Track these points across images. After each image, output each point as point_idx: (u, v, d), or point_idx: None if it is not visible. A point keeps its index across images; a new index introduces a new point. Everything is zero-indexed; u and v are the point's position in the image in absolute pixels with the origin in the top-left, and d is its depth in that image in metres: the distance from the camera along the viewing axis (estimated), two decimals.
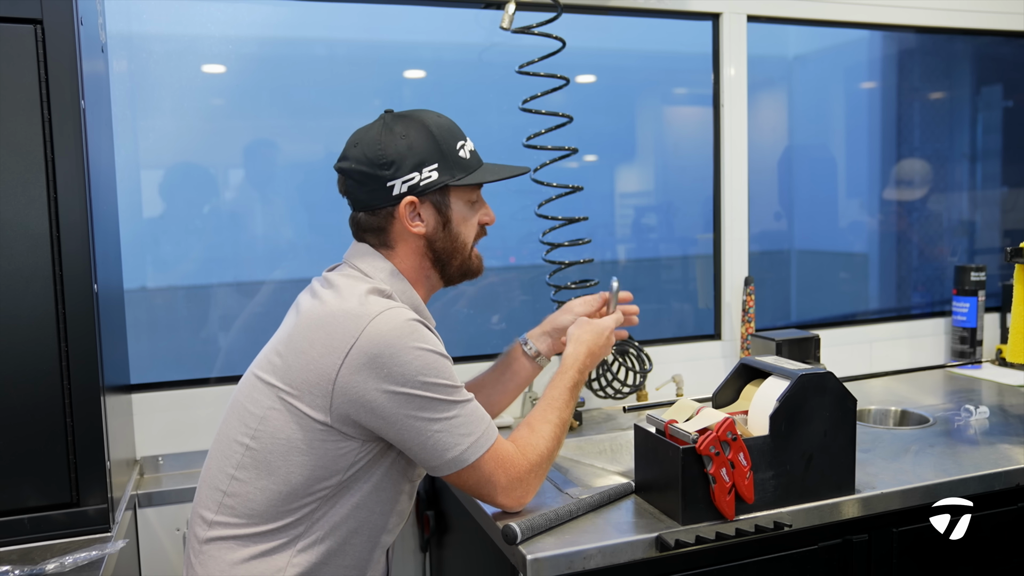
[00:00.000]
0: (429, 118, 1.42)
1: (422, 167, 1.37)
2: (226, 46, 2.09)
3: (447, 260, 1.45)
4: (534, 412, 1.45)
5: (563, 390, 1.49)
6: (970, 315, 2.65)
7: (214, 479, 1.34)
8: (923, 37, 2.93)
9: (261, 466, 1.29)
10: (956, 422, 2.01)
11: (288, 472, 1.27)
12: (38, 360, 1.35)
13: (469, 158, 1.43)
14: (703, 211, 2.54)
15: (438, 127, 1.41)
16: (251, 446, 1.30)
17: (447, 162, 1.39)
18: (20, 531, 1.36)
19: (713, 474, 1.38)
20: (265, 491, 1.28)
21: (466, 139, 1.45)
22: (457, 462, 1.30)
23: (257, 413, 1.30)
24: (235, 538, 1.29)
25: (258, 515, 1.29)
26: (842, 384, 1.50)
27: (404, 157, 1.37)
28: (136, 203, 2.04)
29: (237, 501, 1.30)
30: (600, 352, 1.59)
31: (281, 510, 1.28)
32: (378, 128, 1.40)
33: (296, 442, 1.27)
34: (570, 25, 2.01)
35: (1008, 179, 3.12)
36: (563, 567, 1.33)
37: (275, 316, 1.46)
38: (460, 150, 1.42)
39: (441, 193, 1.41)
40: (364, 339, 1.24)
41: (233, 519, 1.30)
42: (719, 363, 2.45)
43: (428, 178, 1.38)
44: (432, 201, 1.40)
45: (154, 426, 1.94)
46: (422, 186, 1.38)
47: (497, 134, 1.51)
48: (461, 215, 1.44)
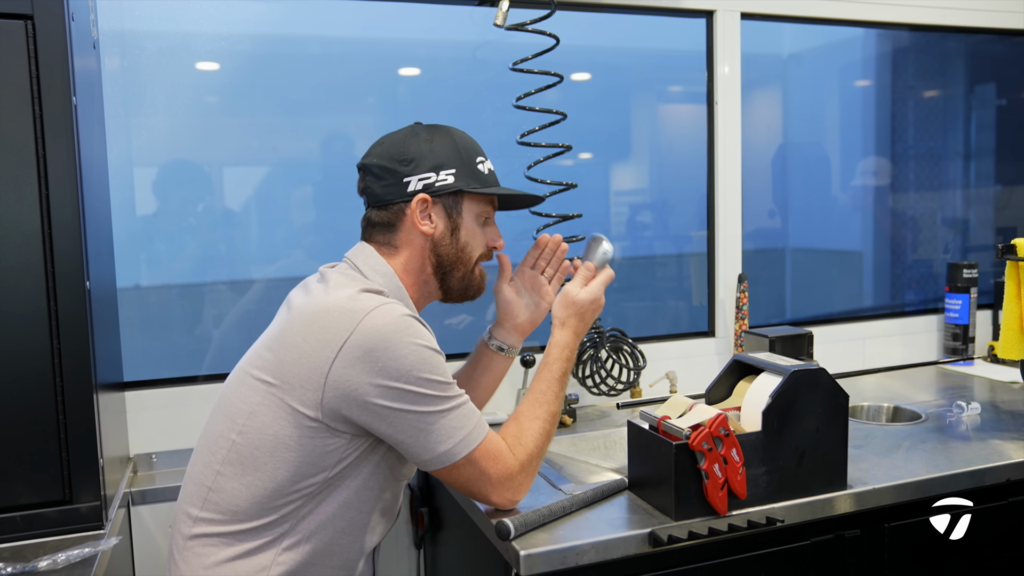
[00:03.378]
0: (455, 132, 1.47)
1: (440, 169, 1.41)
2: (219, 43, 2.09)
3: (449, 269, 1.46)
4: (522, 407, 1.44)
5: (551, 382, 1.47)
6: (962, 312, 2.66)
7: (199, 475, 1.33)
8: (917, 35, 2.94)
9: (247, 462, 1.28)
10: (948, 418, 2.02)
11: (274, 468, 1.27)
12: (30, 357, 1.35)
13: (487, 174, 1.47)
14: (697, 209, 2.54)
15: (462, 139, 1.46)
16: (237, 441, 1.29)
17: (465, 169, 1.43)
18: (12, 528, 1.36)
19: (706, 470, 1.38)
20: (250, 487, 1.28)
21: (487, 159, 1.49)
22: (448, 456, 1.30)
23: (245, 409, 1.30)
24: (219, 535, 1.29)
25: (243, 512, 1.28)
26: (834, 380, 1.51)
27: (424, 157, 1.41)
28: (129, 201, 2.04)
29: (222, 497, 1.29)
30: (588, 322, 1.56)
31: (266, 507, 1.28)
32: (405, 132, 1.46)
33: (284, 438, 1.27)
34: (564, 22, 2.01)
35: (1001, 177, 3.13)
36: (556, 563, 1.33)
37: (269, 313, 1.45)
38: (479, 164, 1.46)
39: (454, 199, 1.43)
40: (358, 333, 1.24)
41: (217, 516, 1.29)
42: (713, 360, 2.45)
43: (444, 181, 1.41)
44: (444, 204, 1.43)
45: (148, 423, 1.93)
46: (437, 187, 1.41)
47: (491, 132, 1.51)
48: (470, 227, 1.46)
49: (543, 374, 1.48)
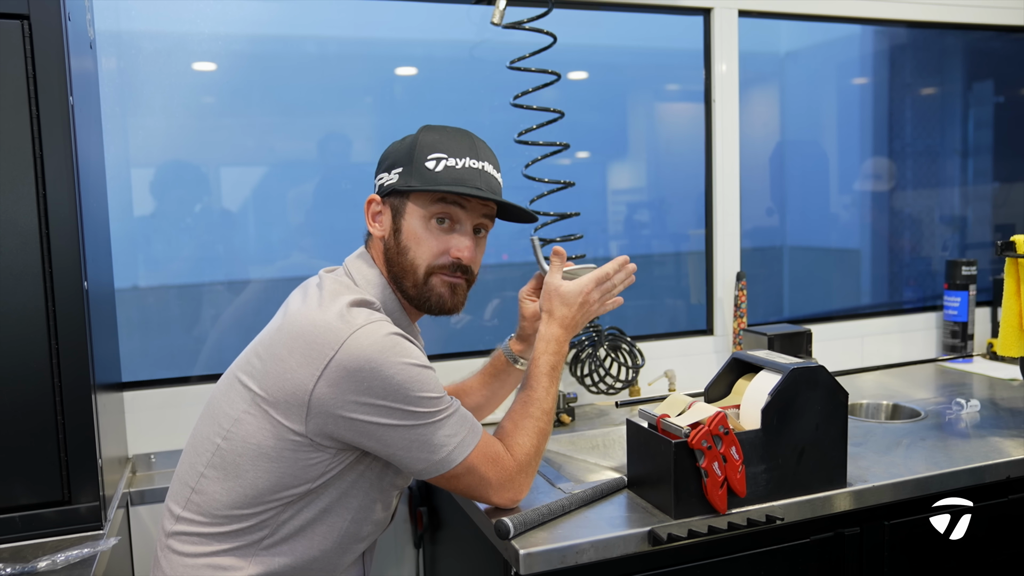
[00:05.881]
0: (435, 130, 1.40)
1: (392, 168, 1.39)
2: (216, 44, 2.08)
3: (400, 276, 1.39)
4: (514, 407, 1.42)
5: (539, 378, 1.43)
6: (961, 309, 2.66)
7: (185, 475, 1.33)
8: (914, 33, 2.94)
9: (230, 467, 1.27)
10: (947, 416, 2.02)
11: (256, 477, 1.26)
12: (28, 357, 1.34)
13: (439, 171, 1.35)
14: (695, 207, 2.54)
15: (432, 138, 1.38)
16: (222, 446, 1.29)
17: (410, 167, 1.36)
18: (12, 529, 1.36)
19: (705, 468, 1.38)
20: (231, 493, 1.27)
21: (453, 156, 1.36)
22: (443, 464, 1.29)
23: (232, 414, 1.29)
24: (198, 535, 1.29)
25: (222, 516, 1.28)
26: (833, 378, 1.50)
27: (387, 157, 1.42)
28: (127, 201, 2.03)
29: (203, 499, 1.29)
30: (578, 317, 1.46)
31: (245, 512, 1.27)
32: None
33: (267, 449, 1.26)
34: (561, 21, 2.01)
35: (999, 174, 3.13)
36: (556, 561, 1.33)
37: (268, 314, 1.45)
38: (430, 160, 1.35)
39: (400, 199, 1.38)
40: (343, 353, 1.22)
41: (197, 516, 1.29)
42: (711, 358, 2.45)
43: (390, 180, 1.39)
44: (391, 206, 1.40)
45: (146, 424, 1.93)
46: (385, 187, 1.40)
47: (489, 131, 1.50)
48: (413, 230, 1.37)
49: (531, 371, 1.44)
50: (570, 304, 1.46)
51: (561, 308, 1.46)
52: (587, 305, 1.47)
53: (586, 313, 1.48)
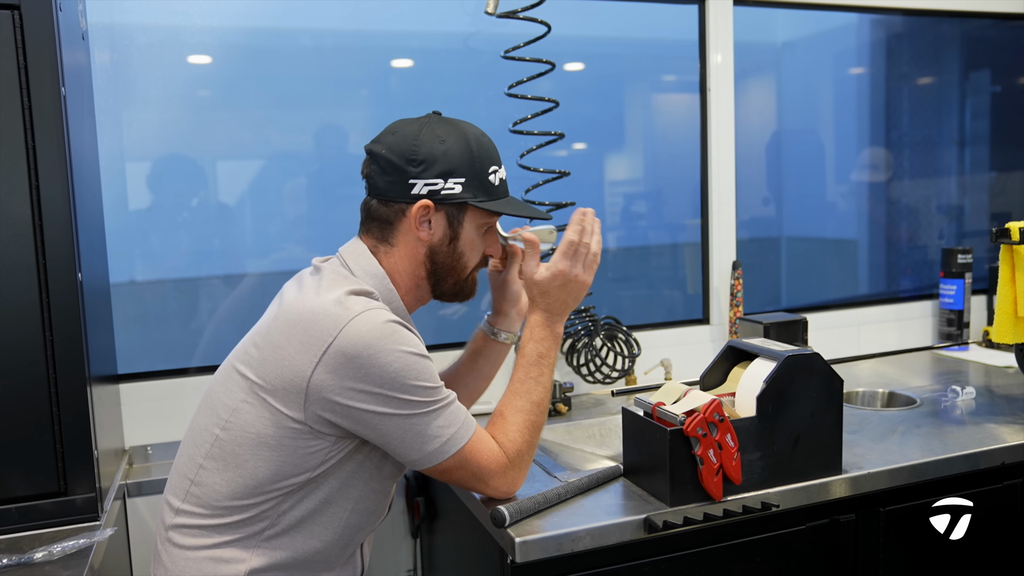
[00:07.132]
0: (472, 132, 1.39)
1: (449, 176, 1.35)
2: (211, 36, 2.08)
3: (443, 276, 1.41)
4: (504, 399, 1.41)
5: (527, 368, 1.41)
6: (957, 297, 2.66)
7: (184, 467, 1.33)
8: (911, 22, 2.93)
9: (229, 458, 1.27)
10: (943, 403, 2.02)
11: (255, 467, 1.26)
12: (23, 349, 1.35)
13: (498, 185, 1.40)
14: (691, 197, 2.54)
15: (478, 144, 1.38)
16: (221, 437, 1.28)
17: (475, 180, 1.36)
18: (8, 520, 1.36)
19: (701, 455, 1.38)
20: (231, 483, 1.27)
21: (501, 166, 1.43)
22: (436, 455, 1.29)
23: (230, 404, 1.29)
24: (199, 527, 1.29)
25: (222, 507, 1.28)
26: (829, 365, 1.51)
27: (435, 160, 1.34)
28: (122, 195, 2.03)
29: (203, 491, 1.29)
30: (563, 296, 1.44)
31: (245, 503, 1.27)
32: (420, 124, 1.38)
33: (266, 438, 1.25)
34: (557, 12, 2.00)
35: (996, 163, 3.13)
36: (552, 549, 1.34)
37: (265, 306, 1.45)
38: (491, 174, 1.39)
39: (458, 208, 1.37)
40: (341, 339, 1.21)
41: (198, 509, 1.29)
42: (707, 347, 2.45)
43: (451, 189, 1.35)
44: (447, 213, 1.37)
45: (143, 416, 1.93)
46: (443, 195, 1.35)
47: (485, 121, 1.49)
48: (470, 238, 1.40)
49: (519, 361, 1.43)
50: (546, 292, 1.44)
51: (540, 297, 1.45)
52: (570, 283, 1.43)
53: (572, 290, 1.44)
